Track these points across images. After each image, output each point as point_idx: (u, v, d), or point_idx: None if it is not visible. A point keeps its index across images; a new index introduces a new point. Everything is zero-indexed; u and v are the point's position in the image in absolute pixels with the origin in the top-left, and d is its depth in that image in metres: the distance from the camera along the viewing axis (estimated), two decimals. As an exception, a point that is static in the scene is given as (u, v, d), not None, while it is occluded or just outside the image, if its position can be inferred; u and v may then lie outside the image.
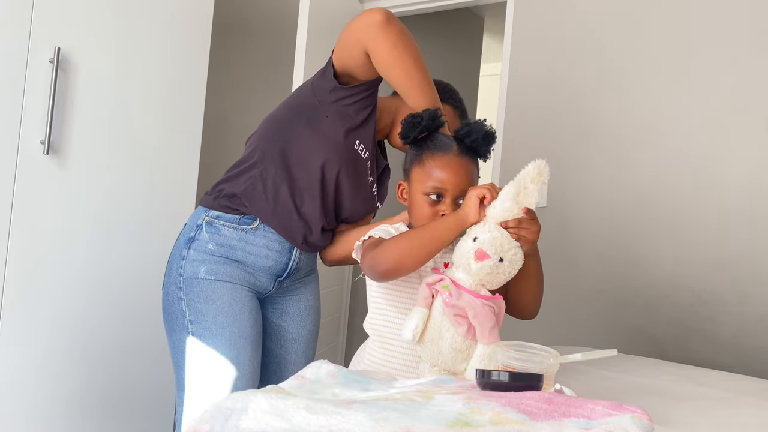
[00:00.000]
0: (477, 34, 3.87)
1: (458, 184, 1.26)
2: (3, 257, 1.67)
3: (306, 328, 1.62)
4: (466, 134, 1.28)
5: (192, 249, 1.45)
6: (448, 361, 1.18)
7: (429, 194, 1.27)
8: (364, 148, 1.46)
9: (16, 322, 1.70)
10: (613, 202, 2.38)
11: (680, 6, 2.29)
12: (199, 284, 1.42)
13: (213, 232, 1.45)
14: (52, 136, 1.73)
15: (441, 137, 1.31)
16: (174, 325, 1.45)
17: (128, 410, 1.96)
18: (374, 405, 0.84)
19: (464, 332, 1.15)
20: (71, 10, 1.76)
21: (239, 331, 1.42)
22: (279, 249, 1.48)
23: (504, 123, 2.66)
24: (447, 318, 1.16)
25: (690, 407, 1.20)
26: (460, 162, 1.27)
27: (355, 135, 1.44)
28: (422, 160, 1.29)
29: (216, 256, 1.44)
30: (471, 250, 1.16)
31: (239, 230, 1.46)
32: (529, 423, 0.81)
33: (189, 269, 1.44)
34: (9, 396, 1.70)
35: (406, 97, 1.41)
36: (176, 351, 1.45)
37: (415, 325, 1.17)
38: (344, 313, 3.14)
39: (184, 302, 1.43)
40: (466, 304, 1.15)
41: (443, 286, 1.17)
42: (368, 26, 1.33)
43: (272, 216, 1.45)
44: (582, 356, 1.11)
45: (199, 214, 1.49)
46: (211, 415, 0.81)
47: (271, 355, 1.59)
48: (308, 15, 2.37)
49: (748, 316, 2.09)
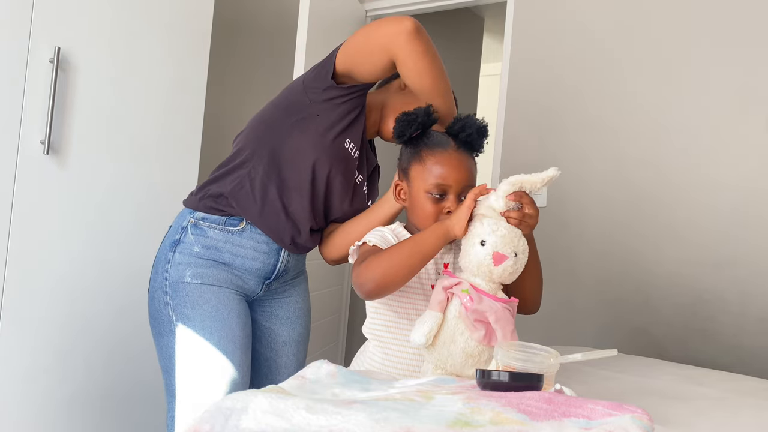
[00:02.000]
0: (477, 34, 3.87)
1: (461, 179, 1.26)
2: (3, 257, 1.67)
3: (296, 331, 1.60)
4: (461, 129, 1.27)
5: (177, 252, 1.42)
6: (457, 365, 1.16)
7: (432, 192, 1.25)
8: (354, 147, 1.44)
9: (15, 322, 1.70)
10: (613, 202, 2.38)
11: (680, 6, 2.29)
12: (185, 288, 1.40)
13: (198, 234, 1.42)
14: (52, 136, 1.73)
15: (436, 134, 1.31)
16: (161, 330, 1.42)
17: (128, 410, 1.96)
18: (374, 405, 0.84)
19: (480, 337, 1.13)
20: (71, 10, 1.76)
21: (228, 335, 1.39)
22: (266, 250, 1.46)
23: (504, 123, 2.67)
24: (463, 322, 1.14)
25: (690, 407, 1.19)
26: (460, 157, 1.27)
27: (346, 134, 1.43)
28: (422, 158, 1.28)
29: (202, 258, 1.42)
30: (487, 256, 1.14)
31: (225, 232, 1.43)
32: (529, 423, 0.81)
33: (174, 273, 1.41)
34: (9, 396, 1.70)
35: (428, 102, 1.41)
36: (164, 356, 1.42)
37: (429, 329, 1.14)
38: (344, 313, 3.14)
39: (171, 307, 1.40)
40: (488, 308, 1.13)
41: (463, 290, 1.14)
42: (399, 34, 1.32)
43: (259, 216, 1.43)
44: (582, 356, 1.11)
45: (184, 216, 1.46)
46: (211, 415, 0.81)
47: (261, 359, 1.57)
48: (308, 15, 2.37)
49: (748, 316, 2.09)
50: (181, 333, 1.39)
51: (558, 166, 1.10)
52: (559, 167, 1.18)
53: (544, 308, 1.35)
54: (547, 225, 2.49)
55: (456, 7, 2.97)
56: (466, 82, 3.76)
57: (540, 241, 1.21)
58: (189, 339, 1.38)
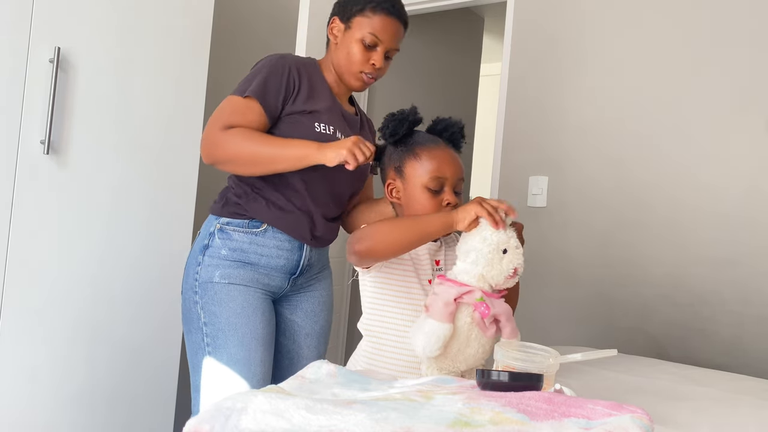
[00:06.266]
0: (477, 34, 3.86)
1: (456, 172, 1.32)
2: (3, 257, 1.67)
3: (319, 324, 1.66)
4: (444, 128, 1.37)
5: (206, 255, 1.51)
6: (471, 365, 1.20)
7: (430, 186, 1.29)
8: (326, 126, 1.50)
9: (16, 322, 1.70)
10: (613, 202, 2.38)
11: (680, 6, 2.29)
12: (214, 288, 1.48)
13: (225, 238, 1.51)
14: (52, 136, 1.73)
15: (422, 133, 1.38)
16: (190, 328, 1.51)
17: (128, 410, 1.96)
18: (374, 405, 0.84)
19: (492, 334, 1.19)
20: (71, 10, 1.76)
21: (251, 332, 1.47)
22: (289, 248, 1.53)
23: (504, 123, 2.66)
24: (476, 327, 1.18)
25: (690, 407, 1.20)
26: (451, 152, 1.35)
27: (312, 119, 1.49)
28: (416, 154, 1.32)
29: (229, 260, 1.50)
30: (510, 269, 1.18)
31: (249, 234, 1.51)
32: (529, 423, 0.81)
33: (204, 274, 1.50)
34: (9, 396, 1.70)
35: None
36: (192, 353, 1.52)
37: (443, 342, 1.15)
38: (344, 313, 3.14)
39: (200, 305, 1.49)
40: (501, 310, 1.19)
41: (477, 298, 1.17)
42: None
43: (273, 217, 1.50)
44: (582, 356, 1.11)
45: (210, 222, 1.55)
46: (211, 415, 0.81)
47: (283, 351, 1.63)
48: (308, 15, 2.37)
49: (748, 316, 2.09)
50: (207, 330, 1.47)
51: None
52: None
53: (544, 309, 1.36)
54: (547, 225, 2.49)
55: (456, 7, 2.97)
56: (466, 82, 3.76)
57: (540, 241, 1.23)
58: (214, 336, 1.47)
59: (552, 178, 2.51)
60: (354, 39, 1.51)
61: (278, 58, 1.51)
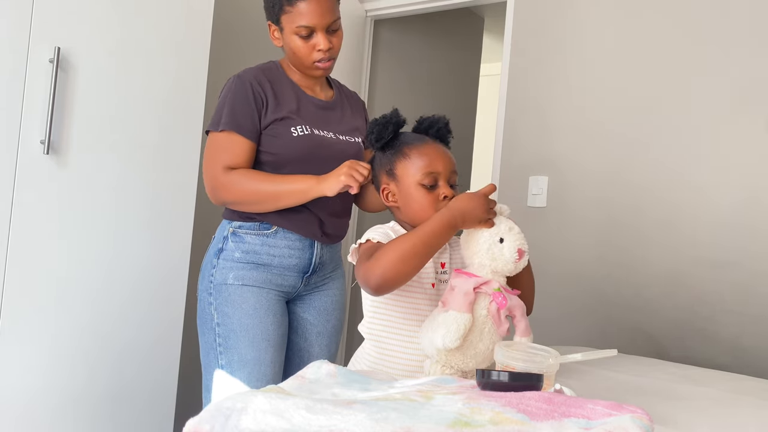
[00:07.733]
0: (477, 34, 3.86)
1: (448, 164, 1.31)
2: (3, 257, 1.67)
3: (331, 323, 1.68)
4: (430, 125, 1.36)
5: (221, 258, 1.55)
6: (479, 363, 1.19)
7: (424, 183, 1.29)
8: (302, 127, 1.53)
9: (15, 323, 1.70)
10: (613, 202, 2.38)
11: (680, 6, 2.29)
12: (227, 289, 1.52)
13: (238, 241, 1.55)
14: (52, 136, 1.73)
15: (407, 133, 1.38)
16: (204, 329, 1.55)
17: (129, 410, 1.96)
18: (374, 405, 0.84)
19: (505, 331, 1.19)
20: (71, 10, 1.76)
21: (262, 333, 1.50)
22: (300, 246, 1.56)
23: (504, 123, 2.66)
24: (491, 320, 1.18)
25: (690, 407, 1.20)
26: (440, 147, 1.34)
27: (287, 125, 1.52)
28: (405, 154, 1.32)
29: (243, 263, 1.53)
30: (513, 252, 1.19)
31: (261, 236, 1.54)
32: (529, 423, 0.81)
33: (219, 276, 1.54)
34: (9, 396, 1.70)
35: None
36: (205, 353, 1.56)
37: (463, 331, 1.13)
38: (344, 313, 3.14)
39: (213, 306, 1.53)
40: (516, 303, 1.19)
41: (495, 288, 1.17)
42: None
43: (282, 219, 1.53)
44: (582, 356, 1.11)
45: (224, 227, 1.59)
46: (211, 415, 0.81)
47: (295, 348, 1.65)
48: (308, 15, 2.36)
49: (748, 316, 2.09)
50: (219, 330, 1.51)
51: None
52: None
53: (544, 308, 1.37)
54: (547, 225, 2.49)
55: (456, 7, 2.97)
56: (466, 82, 3.76)
57: (540, 240, 1.23)
58: (226, 336, 1.50)
59: (552, 178, 2.51)
60: (290, 36, 1.54)
61: (236, 80, 1.55)
